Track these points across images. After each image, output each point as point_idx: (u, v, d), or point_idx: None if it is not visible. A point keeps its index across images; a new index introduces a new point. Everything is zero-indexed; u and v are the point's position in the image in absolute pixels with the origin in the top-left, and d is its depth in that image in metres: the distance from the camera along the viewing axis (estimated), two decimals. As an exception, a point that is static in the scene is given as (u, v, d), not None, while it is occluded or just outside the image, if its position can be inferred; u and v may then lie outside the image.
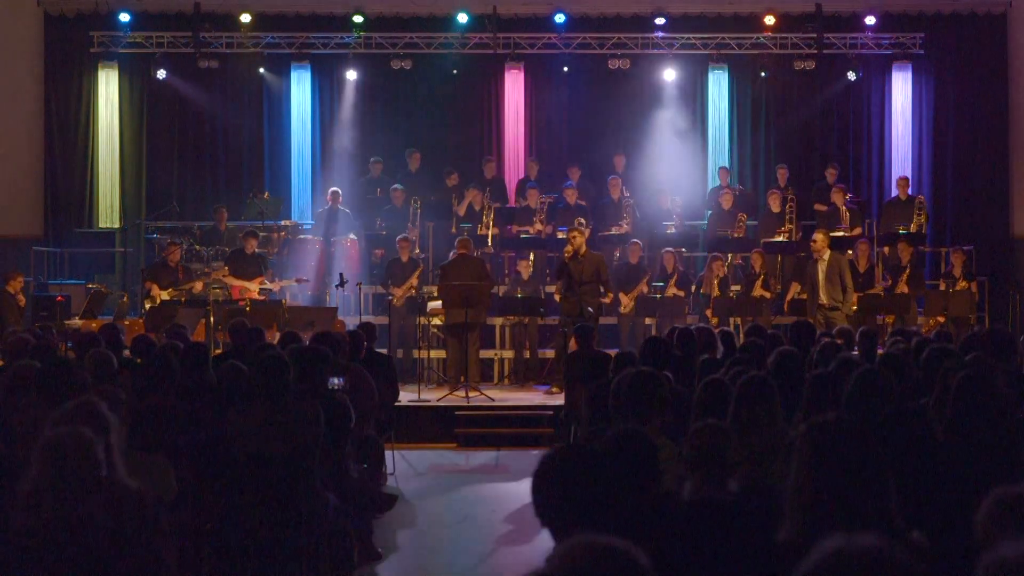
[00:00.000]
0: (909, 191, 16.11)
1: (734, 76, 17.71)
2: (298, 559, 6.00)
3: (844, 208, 15.61)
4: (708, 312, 13.97)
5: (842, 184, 16.09)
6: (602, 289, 13.26)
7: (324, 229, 15.72)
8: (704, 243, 16.16)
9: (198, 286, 14.20)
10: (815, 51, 17.08)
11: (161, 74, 17.16)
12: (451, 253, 14.13)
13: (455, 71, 17.48)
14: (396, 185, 16.07)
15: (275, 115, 17.68)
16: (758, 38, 17.24)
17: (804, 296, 14.07)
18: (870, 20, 17.20)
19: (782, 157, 17.22)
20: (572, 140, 17.61)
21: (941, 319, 13.83)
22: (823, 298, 13.39)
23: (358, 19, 17.01)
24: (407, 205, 15.80)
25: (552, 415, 11.88)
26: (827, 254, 13.53)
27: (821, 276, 13.46)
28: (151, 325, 12.63)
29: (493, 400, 12.71)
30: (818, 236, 13.70)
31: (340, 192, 16.38)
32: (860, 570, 2.03)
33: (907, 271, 14.41)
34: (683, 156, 17.48)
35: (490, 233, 15.51)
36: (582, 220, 15.39)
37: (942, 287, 14.68)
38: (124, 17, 17.07)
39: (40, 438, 3.81)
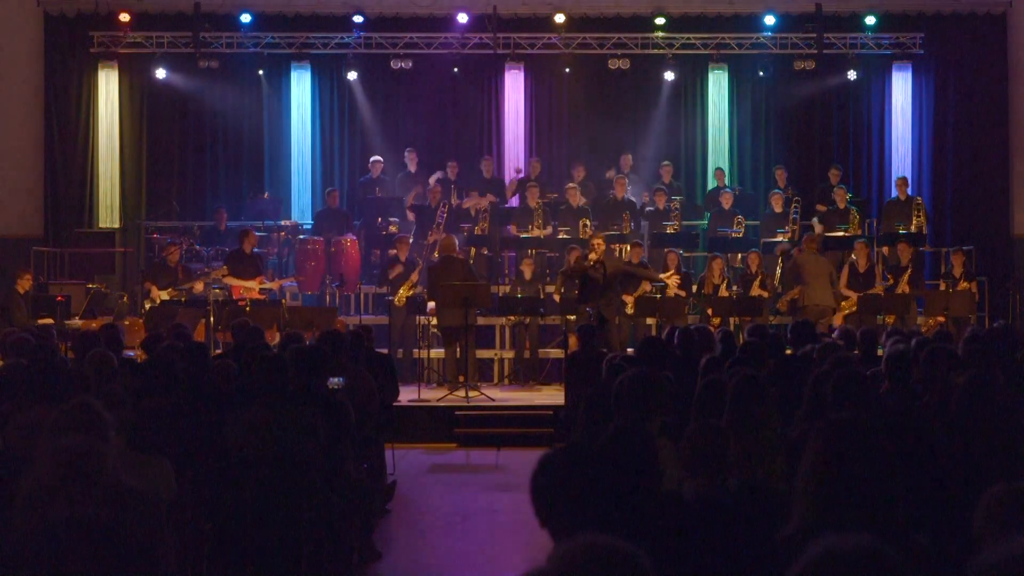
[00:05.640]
0: (908, 191, 16.10)
1: (734, 76, 17.69)
2: (298, 559, 5.99)
3: (852, 209, 15.62)
4: (709, 311, 13.96)
5: (843, 185, 16.09)
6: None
7: (324, 229, 15.70)
8: (704, 243, 16.15)
9: (198, 286, 14.19)
10: (815, 51, 17.05)
11: (161, 74, 17.13)
12: (434, 254, 14.14)
13: (455, 71, 17.47)
14: (435, 184, 15.88)
15: (275, 115, 17.65)
16: (758, 38, 17.23)
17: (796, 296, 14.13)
18: (870, 20, 17.19)
19: (782, 157, 17.20)
20: (572, 140, 17.60)
21: (941, 319, 13.82)
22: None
23: (358, 19, 16.99)
24: (440, 205, 15.56)
25: (552, 415, 11.89)
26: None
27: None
28: (151, 325, 12.61)
29: (493, 400, 12.72)
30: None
31: (339, 192, 16.38)
32: (851, 569, 2.02)
33: (908, 271, 14.41)
34: (682, 156, 17.48)
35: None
36: (587, 222, 15.36)
37: (942, 287, 14.66)
38: (124, 17, 17.03)
39: (45, 443, 3.80)
